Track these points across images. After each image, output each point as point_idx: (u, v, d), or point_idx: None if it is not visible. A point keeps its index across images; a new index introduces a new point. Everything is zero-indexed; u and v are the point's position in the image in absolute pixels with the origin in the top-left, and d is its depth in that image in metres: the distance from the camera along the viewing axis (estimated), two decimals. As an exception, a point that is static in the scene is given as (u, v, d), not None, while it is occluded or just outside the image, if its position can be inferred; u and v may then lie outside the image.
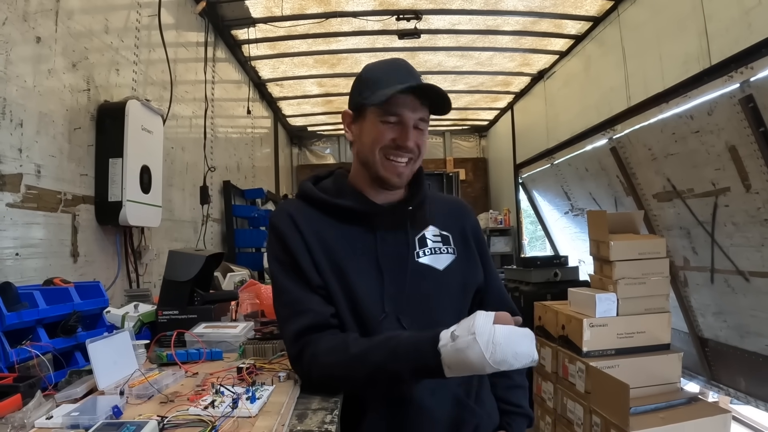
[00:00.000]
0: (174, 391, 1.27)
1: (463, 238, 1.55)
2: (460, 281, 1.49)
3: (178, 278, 2.04)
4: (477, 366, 1.12)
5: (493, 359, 1.11)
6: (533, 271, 4.78)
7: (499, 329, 1.13)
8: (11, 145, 2.00)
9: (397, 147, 1.40)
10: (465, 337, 1.13)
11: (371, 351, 1.25)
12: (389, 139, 1.39)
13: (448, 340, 1.16)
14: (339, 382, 1.30)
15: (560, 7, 4.49)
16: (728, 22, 3.03)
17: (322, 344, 1.29)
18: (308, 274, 1.36)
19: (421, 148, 1.43)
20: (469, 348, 1.12)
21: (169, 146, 3.50)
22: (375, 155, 1.41)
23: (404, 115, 1.38)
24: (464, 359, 1.13)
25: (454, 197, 1.81)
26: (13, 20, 2.00)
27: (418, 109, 1.39)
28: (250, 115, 5.84)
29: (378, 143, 1.40)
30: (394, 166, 1.41)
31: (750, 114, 2.88)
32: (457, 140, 9.19)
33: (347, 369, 1.26)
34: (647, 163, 4.01)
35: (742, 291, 3.48)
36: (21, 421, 1.05)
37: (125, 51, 2.95)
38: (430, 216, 1.53)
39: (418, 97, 1.39)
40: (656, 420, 2.77)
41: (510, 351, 1.11)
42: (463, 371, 1.16)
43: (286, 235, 1.39)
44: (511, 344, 1.12)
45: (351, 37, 5.03)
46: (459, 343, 1.13)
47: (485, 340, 1.11)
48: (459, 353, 1.13)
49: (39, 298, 1.59)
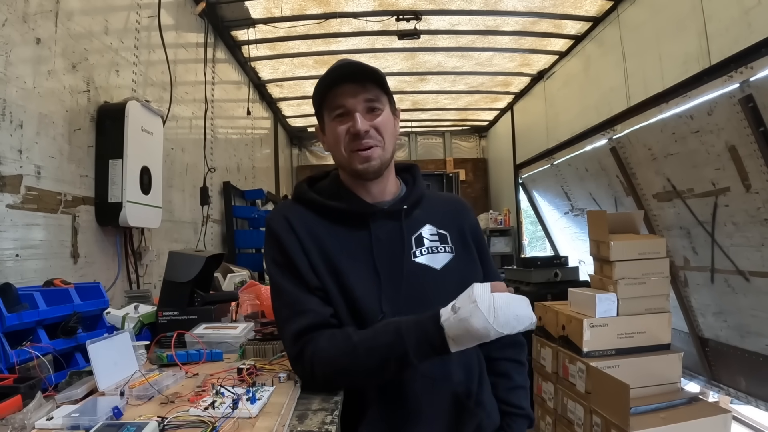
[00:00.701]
0: (174, 392, 1.27)
1: (461, 237, 1.55)
2: (458, 280, 1.45)
3: (179, 279, 2.04)
4: (482, 332, 1.16)
5: (497, 323, 1.15)
6: (533, 271, 4.78)
7: (497, 295, 1.18)
8: (11, 146, 2.00)
9: (353, 137, 1.38)
10: (466, 306, 1.17)
11: (374, 336, 1.26)
12: (345, 133, 1.39)
13: (450, 313, 1.19)
14: (342, 374, 1.29)
15: (560, 7, 4.50)
16: (728, 21, 3.04)
17: (323, 339, 1.29)
18: (305, 276, 1.36)
19: (380, 129, 1.41)
20: (472, 316, 1.15)
21: (169, 147, 3.51)
22: (342, 154, 1.42)
23: (346, 103, 1.38)
24: (468, 327, 1.16)
25: (452, 195, 1.80)
26: (12, 21, 2.00)
27: (359, 92, 1.38)
28: (250, 116, 5.84)
29: (338, 141, 1.40)
30: (359, 154, 1.40)
31: (750, 114, 2.88)
32: (457, 141, 9.20)
33: (351, 357, 1.26)
34: (647, 163, 4.01)
35: (742, 291, 3.48)
36: (21, 422, 1.05)
37: (125, 52, 2.95)
38: (427, 214, 1.52)
39: (357, 82, 1.38)
40: (657, 420, 2.77)
41: (511, 314, 1.16)
42: (467, 341, 1.19)
43: (282, 237, 1.39)
44: (511, 308, 1.17)
45: (351, 38, 5.03)
46: (461, 313, 1.17)
47: (486, 305, 1.15)
48: (462, 323, 1.16)
49: (39, 299, 1.59)
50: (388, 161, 1.46)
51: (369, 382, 1.34)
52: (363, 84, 1.39)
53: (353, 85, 1.38)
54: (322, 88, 1.41)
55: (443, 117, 8.28)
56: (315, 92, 1.44)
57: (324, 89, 1.40)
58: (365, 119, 1.38)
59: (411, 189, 1.53)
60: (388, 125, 1.43)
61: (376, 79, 1.40)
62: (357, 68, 1.39)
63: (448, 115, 8.16)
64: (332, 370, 1.28)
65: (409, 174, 1.60)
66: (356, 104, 1.38)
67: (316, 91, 1.44)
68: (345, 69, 1.39)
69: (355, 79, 1.38)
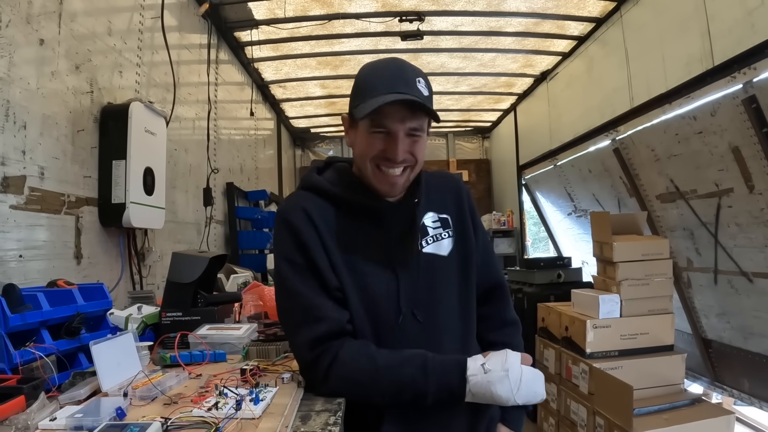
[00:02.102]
0: (177, 393, 1.27)
1: (461, 217, 1.53)
2: (462, 264, 1.48)
3: (182, 280, 2.04)
4: (503, 398, 1.23)
5: (519, 395, 1.23)
6: (536, 272, 4.78)
7: (526, 369, 1.27)
8: (15, 147, 2.00)
9: (386, 158, 1.34)
10: (498, 372, 1.24)
11: (400, 366, 1.28)
12: (378, 150, 1.34)
13: (479, 370, 1.25)
14: (357, 392, 1.28)
15: (563, 8, 4.49)
16: (731, 22, 3.03)
17: (345, 353, 1.28)
18: (325, 275, 1.32)
19: (416, 156, 1.37)
20: (500, 383, 1.23)
21: (173, 148, 3.51)
22: (367, 165, 1.37)
23: (392, 127, 1.33)
24: (493, 392, 1.23)
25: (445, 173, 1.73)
26: (16, 22, 2.00)
27: (407, 118, 1.32)
28: (253, 117, 5.85)
29: (368, 154, 1.36)
30: (386, 176, 1.36)
31: (753, 115, 2.88)
32: (460, 142, 9.19)
33: (372, 380, 1.27)
34: (650, 164, 4.00)
35: (745, 292, 3.47)
36: (25, 422, 1.05)
37: (128, 53, 2.96)
38: (427, 201, 1.50)
39: (408, 106, 1.32)
40: (660, 421, 2.77)
41: (532, 390, 1.26)
42: (485, 400, 1.26)
43: (302, 231, 1.34)
44: (533, 384, 1.26)
45: (354, 39, 5.03)
46: (491, 376, 1.24)
47: (515, 377, 1.24)
48: (489, 386, 1.23)
49: (43, 299, 1.59)
50: (410, 182, 1.43)
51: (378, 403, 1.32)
52: (414, 111, 1.33)
53: (404, 109, 1.32)
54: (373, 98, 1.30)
55: (446, 118, 8.27)
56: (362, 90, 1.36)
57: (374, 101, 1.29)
58: (404, 144, 1.34)
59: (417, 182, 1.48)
60: (423, 150, 1.39)
61: (428, 111, 1.34)
62: (416, 103, 1.30)
63: (451, 116, 8.15)
64: (349, 387, 1.28)
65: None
66: (401, 130, 1.33)
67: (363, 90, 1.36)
68: (404, 99, 1.29)
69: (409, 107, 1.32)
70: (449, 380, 1.25)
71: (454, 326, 1.43)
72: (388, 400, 1.29)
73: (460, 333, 1.44)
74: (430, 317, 1.38)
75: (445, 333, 1.40)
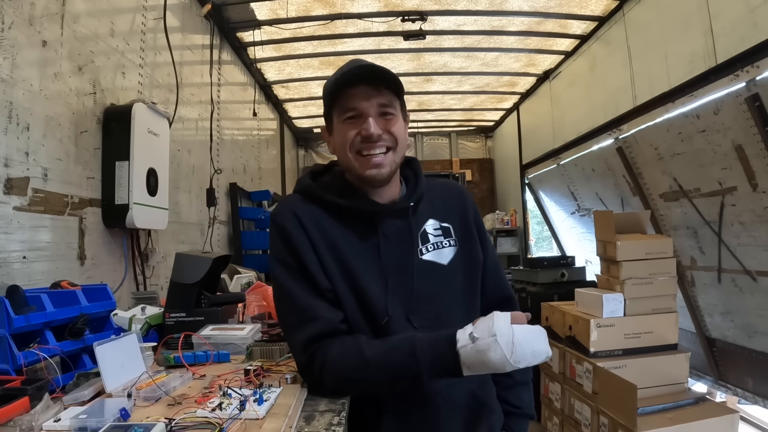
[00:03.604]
0: (181, 394, 1.27)
1: (465, 227, 1.52)
2: (465, 273, 1.46)
3: (185, 281, 2.04)
4: (498, 365, 1.15)
5: (514, 358, 1.14)
6: (540, 271, 4.77)
7: (517, 329, 1.16)
8: (18, 149, 2.01)
9: (363, 140, 1.34)
10: (485, 339, 1.15)
11: (388, 354, 1.25)
12: (354, 134, 1.34)
13: (467, 341, 1.17)
14: (352, 386, 1.28)
15: (565, 7, 4.49)
16: (734, 20, 3.02)
17: (334, 349, 1.27)
18: (317, 278, 1.32)
19: (395, 134, 1.37)
20: (491, 349, 1.14)
21: (176, 149, 3.51)
22: (350, 158, 1.37)
23: (359, 106, 1.33)
24: (485, 360, 1.15)
25: (449, 182, 1.74)
26: (18, 24, 2.01)
27: (373, 95, 1.33)
28: (256, 118, 5.86)
29: (346, 143, 1.35)
30: (369, 158, 1.35)
31: (756, 113, 2.87)
32: (463, 141, 9.19)
33: (362, 372, 1.25)
34: (654, 163, 3.99)
35: (749, 291, 3.46)
36: (29, 423, 1.05)
37: (131, 54, 2.96)
38: (429, 208, 1.49)
39: (372, 84, 1.33)
40: (664, 420, 2.77)
41: (529, 350, 1.15)
42: (482, 370, 1.19)
43: (292, 235, 1.34)
44: (529, 343, 1.16)
45: (356, 39, 5.04)
46: (479, 344, 1.16)
47: (506, 340, 1.14)
48: (480, 354, 1.16)
49: (46, 301, 1.60)
50: (397, 167, 1.43)
51: (378, 394, 1.32)
52: (377, 87, 1.34)
53: (367, 87, 1.33)
54: (333, 87, 1.35)
55: (449, 117, 8.27)
56: (325, 91, 1.40)
57: (335, 89, 1.34)
58: (378, 123, 1.34)
59: (415, 185, 1.49)
60: (401, 130, 1.39)
61: (392, 84, 1.35)
62: (372, 70, 1.33)
63: (454, 115, 8.16)
64: (342, 382, 1.27)
65: (410, 169, 1.54)
66: (369, 108, 1.33)
67: (326, 90, 1.39)
68: (360, 70, 1.33)
69: (370, 82, 1.34)
70: (441, 357, 1.21)
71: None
72: (386, 389, 1.29)
73: None
74: (428, 326, 1.34)
75: None
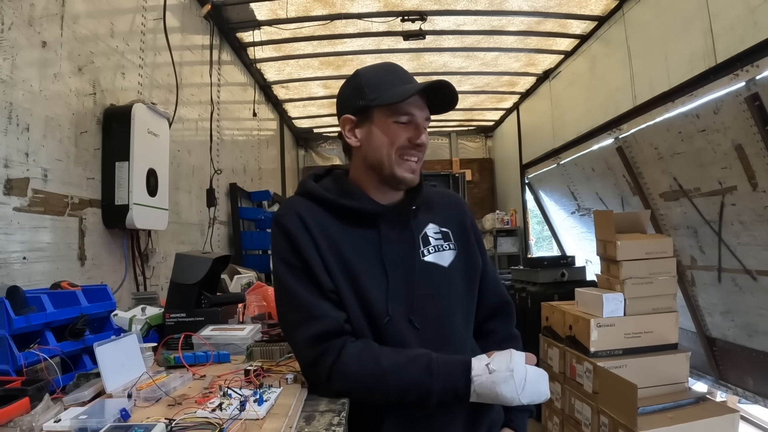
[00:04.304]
0: (182, 394, 1.27)
1: (462, 232, 1.56)
2: (464, 276, 1.50)
3: (186, 281, 2.05)
4: (508, 399, 1.24)
5: (523, 395, 1.24)
6: (540, 271, 4.77)
7: (530, 369, 1.27)
8: (18, 150, 2.01)
9: (412, 146, 1.41)
10: (502, 373, 1.24)
11: (405, 366, 1.28)
12: (405, 139, 1.40)
13: (483, 370, 1.25)
14: (361, 392, 1.29)
15: (565, 6, 4.49)
16: (734, 20, 3.02)
17: (347, 354, 1.28)
18: (320, 278, 1.33)
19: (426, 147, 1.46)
20: (505, 383, 1.23)
21: (176, 149, 3.51)
22: (391, 156, 1.40)
23: (417, 115, 1.40)
24: (497, 392, 1.24)
25: (446, 191, 1.81)
26: (18, 25, 2.01)
27: (424, 108, 1.42)
28: (256, 118, 5.86)
29: (394, 144, 1.40)
30: (409, 163, 1.42)
31: (756, 112, 2.87)
32: (463, 141, 9.19)
33: (376, 380, 1.27)
34: (653, 163, 3.99)
35: (749, 290, 3.46)
36: (29, 424, 1.05)
37: (131, 54, 2.96)
38: (429, 213, 1.53)
39: (423, 98, 1.41)
40: (664, 420, 2.77)
41: (536, 390, 1.26)
42: (489, 400, 1.27)
43: (296, 235, 1.35)
44: (537, 384, 1.26)
45: (356, 39, 5.04)
46: (496, 376, 1.24)
47: (520, 377, 1.24)
48: (494, 386, 1.24)
49: (47, 301, 1.60)
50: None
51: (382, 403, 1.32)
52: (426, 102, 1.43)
53: (422, 100, 1.42)
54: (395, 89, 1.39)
55: (449, 117, 8.26)
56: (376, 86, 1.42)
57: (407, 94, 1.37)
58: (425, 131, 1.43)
59: (417, 189, 1.51)
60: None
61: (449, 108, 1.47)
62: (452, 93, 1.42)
63: (453, 115, 8.14)
64: (353, 386, 1.28)
65: None
66: (423, 119, 1.42)
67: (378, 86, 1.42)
68: (437, 84, 1.39)
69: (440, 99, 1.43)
70: (454, 381, 1.26)
71: (456, 339, 1.43)
72: (392, 400, 1.29)
73: (461, 345, 1.43)
74: (429, 327, 1.38)
75: (446, 345, 1.38)
